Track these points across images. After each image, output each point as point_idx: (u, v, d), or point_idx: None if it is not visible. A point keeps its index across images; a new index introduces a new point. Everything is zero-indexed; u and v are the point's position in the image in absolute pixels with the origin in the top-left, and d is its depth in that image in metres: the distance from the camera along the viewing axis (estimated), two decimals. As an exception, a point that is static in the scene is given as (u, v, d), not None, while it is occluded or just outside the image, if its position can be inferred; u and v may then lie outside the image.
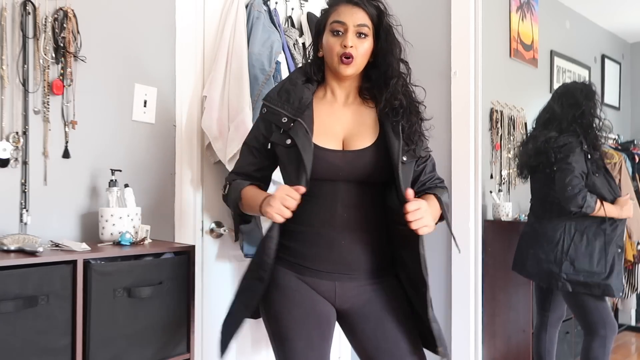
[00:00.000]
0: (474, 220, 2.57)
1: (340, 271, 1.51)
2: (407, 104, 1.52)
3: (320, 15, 1.59)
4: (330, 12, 1.53)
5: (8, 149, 1.71)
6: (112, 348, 1.61)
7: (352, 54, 1.48)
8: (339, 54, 1.49)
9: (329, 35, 1.51)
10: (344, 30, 1.49)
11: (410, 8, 2.74)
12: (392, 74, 1.52)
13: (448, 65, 2.62)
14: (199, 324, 2.21)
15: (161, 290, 1.70)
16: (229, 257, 2.37)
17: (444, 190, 1.62)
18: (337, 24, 1.49)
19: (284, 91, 1.55)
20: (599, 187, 2.51)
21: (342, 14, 1.50)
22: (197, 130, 2.22)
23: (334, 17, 1.50)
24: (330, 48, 1.50)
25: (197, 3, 2.24)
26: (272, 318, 1.55)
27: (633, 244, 3.49)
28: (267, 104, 1.56)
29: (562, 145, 2.51)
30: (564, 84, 2.81)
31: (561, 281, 2.51)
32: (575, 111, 2.59)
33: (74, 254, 1.56)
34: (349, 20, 1.49)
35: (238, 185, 1.59)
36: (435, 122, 2.61)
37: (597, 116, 2.60)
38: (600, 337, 2.54)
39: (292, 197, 1.39)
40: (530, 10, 3.99)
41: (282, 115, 1.51)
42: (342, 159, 1.49)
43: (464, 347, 2.59)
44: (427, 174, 1.61)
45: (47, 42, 1.79)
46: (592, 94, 2.64)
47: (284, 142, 1.50)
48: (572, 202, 2.43)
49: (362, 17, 1.50)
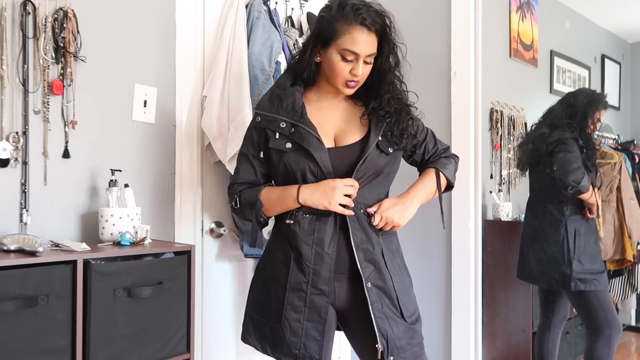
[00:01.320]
0: (474, 220, 2.57)
1: (337, 271, 1.51)
2: (396, 110, 1.53)
3: (327, 21, 1.48)
4: (342, 32, 1.44)
5: (8, 149, 1.71)
6: (112, 348, 1.60)
7: (359, 80, 1.51)
8: (345, 79, 1.49)
9: (338, 58, 1.47)
10: (355, 59, 1.47)
11: (410, 8, 2.74)
12: (386, 90, 1.53)
13: (448, 65, 2.62)
14: (199, 324, 2.21)
15: (161, 290, 1.70)
16: (229, 257, 2.37)
17: (449, 160, 1.67)
18: (350, 54, 1.45)
19: (275, 97, 1.54)
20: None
21: (357, 44, 1.44)
22: (197, 130, 2.22)
23: (348, 45, 1.44)
24: (337, 71, 1.48)
25: (197, 3, 2.24)
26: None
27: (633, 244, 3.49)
28: (261, 112, 1.55)
29: (557, 139, 2.54)
30: (581, 88, 2.86)
31: (573, 281, 2.51)
32: (571, 110, 2.61)
33: (74, 254, 1.56)
34: (362, 50, 1.45)
35: (251, 194, 1.56)
36: (435, 122, 2.65)
37: (592, 122, 2.62)
38: (605, 337, 2.54)
39: (353, 186, 1.46)
40: (530, 10, 3.99)
41: (279, 120, 1.51)
42: (335, 155, 1.51)
43: (464, 347, 2.59)
44: (430, 150, 1.67)
45: (47, 42, 1.79)
46: (596, 103, 2.65)
47: (284, 147, 1.50)
48: (570, 175, 2.44)
49: (373, 45, 1.47)
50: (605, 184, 3.36)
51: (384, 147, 1.51)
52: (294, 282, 1.50)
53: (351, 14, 1.43)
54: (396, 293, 1.52)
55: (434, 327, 2.67)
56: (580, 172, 2.45)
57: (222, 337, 2.34)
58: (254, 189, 1.57)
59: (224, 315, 2.35)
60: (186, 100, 2.19)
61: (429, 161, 1.67)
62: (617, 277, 3.85)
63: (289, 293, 1.51)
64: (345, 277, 1.52)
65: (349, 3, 1.45)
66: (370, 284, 1.48)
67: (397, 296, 1.52)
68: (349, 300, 1.54)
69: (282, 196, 1.52)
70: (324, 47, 1.49)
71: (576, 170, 2.45)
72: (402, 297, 1.53)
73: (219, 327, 2.33)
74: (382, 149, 1.51)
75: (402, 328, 1.51)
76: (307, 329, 1.49)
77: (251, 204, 1.55)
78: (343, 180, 1.46)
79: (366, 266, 1.49)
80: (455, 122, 2.60)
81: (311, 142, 1.47)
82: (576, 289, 2.53)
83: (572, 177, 2.44)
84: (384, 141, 1.52)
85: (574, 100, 2.65)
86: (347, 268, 1.51)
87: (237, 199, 1.59)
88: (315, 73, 1.55)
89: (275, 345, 1.53)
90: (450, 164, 1.66)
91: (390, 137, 1.53)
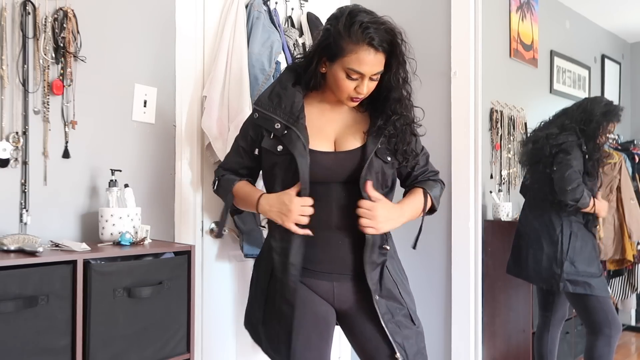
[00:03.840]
0: (474, 220, 2.57)
1: (338, 271, 1.51)
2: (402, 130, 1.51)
3: (333, 37, 1.42)
4: (348, 50, 1.40)
5: (8, 149, 1.71)
6: (112, 348, 1.60)
7: (363, 97, 1.49)
8: (350, 95, 1.47)
9: (343, 75, 1.43)
10: (360, 77, 1.44)
11: (410, 8, 2.74)
12: (394, 110, 1.50)
13: (448, 65, 2.62)
14: (199, 324, 2.21)
15: (161, 290, 1.70)
16: (229, 257, 2.37)
17: (436, 184, 1.64)
18: (355, 73, 1.42)
19: (275, 95, 1.52)
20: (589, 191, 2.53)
21: (363, 64, 1.40)
22: (197, 130, 2.22)
23: (354, 65, 1.40)
24: (342, 87, 1.46)
25: (197, 3, 2.24)
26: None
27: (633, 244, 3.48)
28: (259, 109, 1.53)
29: (561, 143, 2.54)
30: (595, 96, 2.86)
31: (562, 282, 2.51)
32: (586, 116, 2.61)
33: (74, 254, 1.56)
34: (368, 71, 1.42)
35: (228, 182, 1.63)
36: (435, 122, 2.65)
37: (603, 133, 2.63)
38: (605, 336, 2.53)
39: (308, 205, 1.45)
40: (530, 10, 3.99)
41: (274, 121, 1.49)
42: (334, 160, 1.50)
43: (464, 347, 2.59)
44: (420, 168, 1.63)
45: (47, 42, 1.79)
46: (612, 114, 2.67)
47: (275, 149, 1.49)
48: (569, 195, 2.45)
49: (380, 64, 1.43)
50: (605, 184, 3.36)
51: (381, 155, 1.50)
52: (271, 287, 1.53)
53: (359, 33, 1.37)
54: (404, 300, 1.55)
55: (434, 327, 2.67)
56: (579, 191, 2.45)
57: (222, 337, 2.34)
58: (230, 178, 1.63)
59: (224, 315, 2.35)
60: (186, 100, 2.19)
61: (416, 179, 1.63)
62: (617, 277, 3.85)
63: (268, 298, 1.54)
64: (348, 278, 1.53)
65: (357, 20, 1.38)
66: (377, 296, 1.49)
67: (406, 303, 1.55)
68: (349, 301, 1.54)
69: (248, 198, 1.57)
70: (330, 61, 1.46)
71: (575, 189, 2.45)
72: (408, 301, 1.56)
73: (219, 327, 2.33)
74: (380, 157, 1.50)
75: (413, 333, 1.54)
76: (279, 336, 1.52)
77: (225, 191, 1.62)
78: (300, 200, 1.43)
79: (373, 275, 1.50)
80: (455, 122, 2.60)
81: (297, 146, 1.45)
82: (565, 290, 2.53)
83: (571, 195, 2.45)
84: (383, 149, 1.51)
85: (591, 107, 2.65)
86: (350, 269, 1.52)
87: (217, 182, 1.67)
88: (321, 79, 1.53)
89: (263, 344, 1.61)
90: (437, 187, 1.64)
91: (388, 147, 1.52)
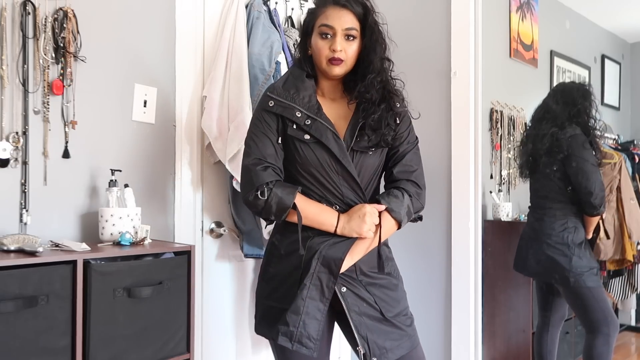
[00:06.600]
0: (474, 220, 2.57)
1: None
2: (380, 97, 1.51)
3: (307, 15, 1.58)
4: (318, 13, 1.53)
5: (8, 149, 1.71)
6: (112, 348, 1.60)
7: (342, 58, 1.50)
8: (327, 57, 1.50)
9: (318, 38, 1.51)
10: (332, 33, 1.49)
11: (410, 8, 2.74)
12: (371, 70, 1.52)
13: (448, 65, 2.62)
14: (199, 324, 2.21)
15: (161, 290, 1.70)
16: (229, 257, 2.37)
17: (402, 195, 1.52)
18: (326, 28, 1.50)
19: (290, 84, 1.53)
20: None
21: (330, 18, 1.50)
22: (197, 130, 2.22)
23: (322, 20, 1.51)
24: (319, 51, 1.51)
25: (197, 3, 2.24)
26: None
27: (633, 244, 3.48)
28: (275, 96, 1.50)
29: (570, 136, 2.53)
30: (561, 82, 2.84)
31: (573, 277, 2.50)
32: (571, 109, 2.61)
33: (74, 254, 1.56)
34: (337, 24, 1.49)
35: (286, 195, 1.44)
36: (435, 122, 2.65)
37: (592, 117, 2.63)
38: (604, 335, 2.53)
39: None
40: (530, 10, 3.99)
41: (294, 109, 1.48)
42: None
43: (464, 347, 2.59)
44: (405, 164, 1.56)
45: (47, 42, 1.79)
46: (588, 94, 2.67)
47: (302, 137, 1.48)
48: (599, 206, 2.50)
49: (349, 20, 1.50)
50: (605, 184, 3.36)
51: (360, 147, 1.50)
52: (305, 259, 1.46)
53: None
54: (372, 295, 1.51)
55: (434, 327, 2.67)
56: (604, 196, 2.51)
57: (222, 337, 2.34)
58: (287, 189, 1.45)
59: (224, 315, 2.35)
60: (186, 100, 2.19)
61: (392, 174, 1.56)
62: (617, 277, 3.85)
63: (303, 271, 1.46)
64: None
65: None
66: (345, 288, 1.48)
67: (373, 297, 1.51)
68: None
69: (320, 218, 1.47)
70: (310, 37, 1.54)
71: (604, 198, 2.51)
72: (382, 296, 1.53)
73: (219, 327, 2.33)
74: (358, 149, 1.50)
75: (386, 328, 1.51)
76: (309, 307, 1.43)
77: (284, 206, 1.44)
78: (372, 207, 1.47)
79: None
80: (455, 122, 2.60)
81: (329, 137, 1.47)
82: (575, 285, 2.53)
83: (600, 207, 2.50)
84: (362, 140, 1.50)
85: (569, 98, 2.64)
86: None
87: (267, 192, 1.43)
88: (314, 67, 1.56)
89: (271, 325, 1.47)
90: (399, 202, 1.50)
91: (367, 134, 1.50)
